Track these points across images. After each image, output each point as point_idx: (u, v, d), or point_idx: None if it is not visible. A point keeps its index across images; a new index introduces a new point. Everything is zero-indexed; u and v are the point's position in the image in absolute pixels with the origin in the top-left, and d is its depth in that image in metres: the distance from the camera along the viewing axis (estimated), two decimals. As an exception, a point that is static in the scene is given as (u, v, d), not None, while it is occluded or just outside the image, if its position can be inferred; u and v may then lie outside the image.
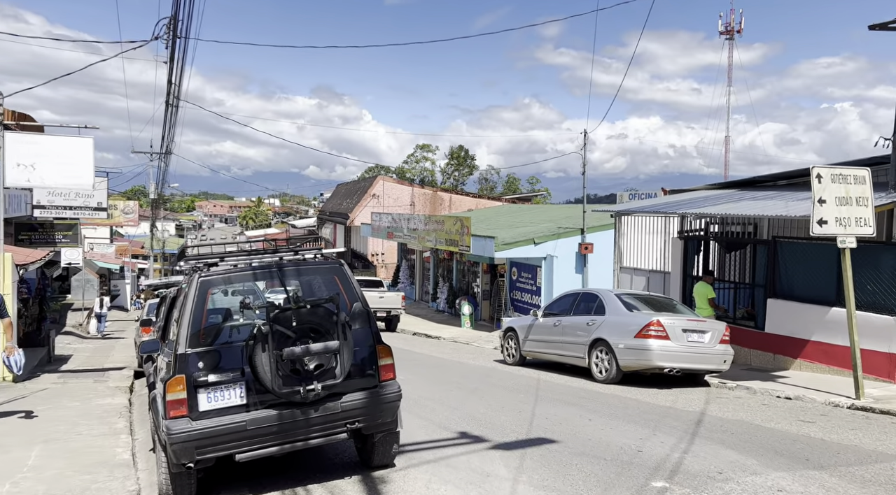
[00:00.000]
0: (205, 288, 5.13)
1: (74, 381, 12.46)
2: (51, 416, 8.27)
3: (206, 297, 5.11)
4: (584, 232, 21.98)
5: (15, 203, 22.10)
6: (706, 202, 13.04)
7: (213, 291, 5.20)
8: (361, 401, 5.25)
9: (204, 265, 5.34)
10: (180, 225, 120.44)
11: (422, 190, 39.97)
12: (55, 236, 21.81)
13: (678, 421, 7.46)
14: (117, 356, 18.16)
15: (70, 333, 22.89)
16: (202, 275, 5.18)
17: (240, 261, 5.55)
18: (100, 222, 36.55)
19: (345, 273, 5.57)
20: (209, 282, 5.18)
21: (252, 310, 5.08)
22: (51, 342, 16.08)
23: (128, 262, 42.94)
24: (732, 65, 78.36)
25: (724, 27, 77.81)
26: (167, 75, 12.54)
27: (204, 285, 5.13)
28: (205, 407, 4.88)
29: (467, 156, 75.04)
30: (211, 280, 5.20)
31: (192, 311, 5.00)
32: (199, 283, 5.11)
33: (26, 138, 11.53)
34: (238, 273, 5.35)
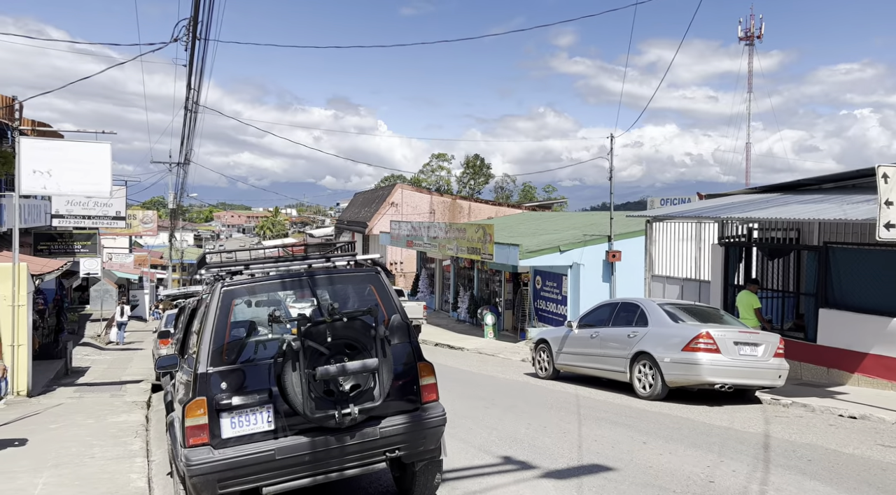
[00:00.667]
0: (228, 299, 4.59)
1: (90, 396, 12.03)
2: (63, 436, 7.79)
3: (230, 309, 4.58)
4: (612, 239, 21.29)
5: (35, 213, 21.94)
6: (751, 206, 12.33)
7: (236, 302, 4.66)
8: (402, 426, 4.67)
9: (226, 273, 4.82)
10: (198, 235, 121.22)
11: (440, 198, 39.47)
12: (74, 246, 21.57)
13: (743, 444, 6.78)
14: (135, 368, 17.78)
15: (88, 344, 22.61)
16: (225, 284, 4.65)
17: (265, 269, 5.02)
18: (119, 232, 36.47)
19: (381, 281, 5.01)
20: (233, 292, 4.65)
21: (281, 323, 4.52)
22: (68, 354, 15.72)
23: (146, 272, 42.88)
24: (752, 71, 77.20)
25: (743, 33, 76.62)
26: (186, 78, 12.14)
27: (227, 296, 4.60)
28: (228, 433, 4.33)
29: (483, 164, 74.75)
30: (234, 290, 4.66)
31: (213, 325, 4.46)
32: (222, 294, 4.58)
33: (42, 144, 11.17)
34: (264, 282, 4.81)
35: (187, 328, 5.99)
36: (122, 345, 24.41)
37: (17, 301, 11.23)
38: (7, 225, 18.41)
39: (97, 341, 23.83)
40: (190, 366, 4.95)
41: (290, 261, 5.09)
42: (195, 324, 5.53)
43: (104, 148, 11.62)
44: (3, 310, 11.21)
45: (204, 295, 5.30)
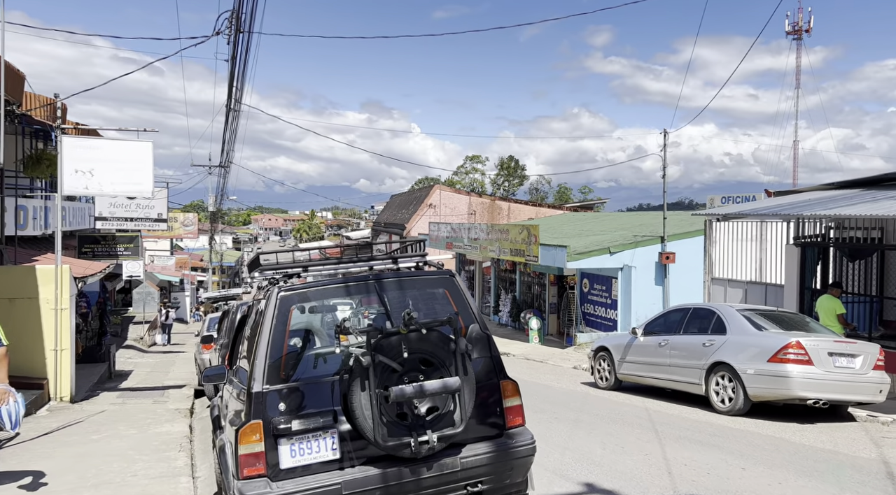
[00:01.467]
0: (286, 305, 4.00)
1: (133, 402, 11.69)
2: (105, 449, 7.35)
3: (288, 318, 3.98)
4: (665, 240, 20.28)
5: (79, 215, 22.02)
6: (833, 203, 11.33)
7: (294, 310, 4.07)
8: (486, 456, 4.00)
9: (282, 276, 4.23)
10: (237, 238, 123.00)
11: (479, 199, 38.77)
12: (117, 248, 21.54)
13: (860, 473, 5.92)
14: (177, 371, 17.55)
15: (131, 347, 22.58)
16: (283, 289, 4.05)
17: (325, 272, 4.43)
18: (160, 234, 36.81)
19: (457, 286, 4.36)
20: (291, 297, 4.05)
21: (352, 334, 3.88)
22: (111, 358, 15.52)
23: (187, 275, 43.24)
24: (800, 66, 74.49)
25: (791, 27, 73.94)
26: (229, 73, 11.71)
27: (285, 302, 4.00)
28: (288, 463, 3.73)
29: (517, 166, 73.98)
30: (293, 295, 4.07)
31: (270, 336, 3.87)
32: (279, 300, 3.99)
33: (84, 143, 10.87)
34: (326, 287, 4.19)
35: (235, 338, 5.44)
36: (167, 347, 24.52)
37: (60, 304, 10.95)
38: (52, 227, 18.45)
39: (140, 344, 23.82)
40: (241, 382, 4.38)
41: (352, 262, 4.47)
42: (245, 331, 4.97)
43: (146, 147, 11.27)
44: (46, 313, 10.94)
45: (256, 300, 4.73)
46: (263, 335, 3.88)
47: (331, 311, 4.31)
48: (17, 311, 10.81)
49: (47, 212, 18.19)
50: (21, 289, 10.82)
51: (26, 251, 15.16)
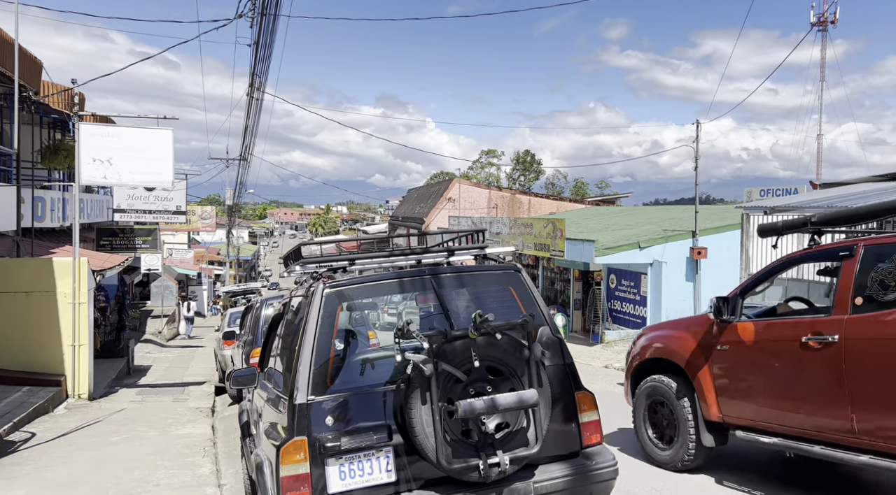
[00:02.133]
0: (333, 304, 3.48)
1: (153, 399, 11.30)
2: (125, 453, 6.91)
3: (335, 318, 3.46)
4: (696, 234, 19.57)
5: (97, 207, 21.74)
6: (890, 194, 10.63)
7: (342, 309, 3.55)
8: (563, 480, 3.46)
9: (327, 270, 3.71)
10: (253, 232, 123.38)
11: (499, 192, 38.15)
12: (135, 241, 21.25)
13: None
14: (196, 367, 17.20)
15: (150, 341, 22.32)
16: (329, 284, 3.53)
17: (375, 265, 3.92)
18: (177, 227, 36.63)
19: (523, 283, 3.81)
20: (339, 295, 3.53)
21: (414, 338, 3.30)
22: (130, 353, 15.18)
23: (204, 269, 43.12)
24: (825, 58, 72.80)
25: (816, 18, 72.26)
26: (252, 58, 11.20)
27: (332, 300, 3.48)
28: (337, 486, 3.22)
29: (533, 160, 73.38)
30: (341, 292, 3.54)
31: (315, 339, 3.35)
32: (325, 298, 3.47)
33: (102, 130, 10.44)
34: (376, 283, 3.67)
35: (268, 339, 4.93)
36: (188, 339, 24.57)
37: (78, 298, 10.56)
38: (70, 219, 18.15)
39: (158, 338, 23.57)
40: (278, 387, 3.89)
41: (402, 254, 3.93)
42: (280, 330, 4.45)
43: (166, 135, 10.82)
44: (64, 307, 10.56)
45: (293, 296, 4.21)
46: (307, 338, 3.36)
47: (360, 308, 3.79)
48: (33, 305, 10.45)
49: (65, 204, 17.89)
50: (38, 282, 10.45)
51: (43, 243, 14.85)
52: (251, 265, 79.48)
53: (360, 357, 3.51)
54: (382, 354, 3.55)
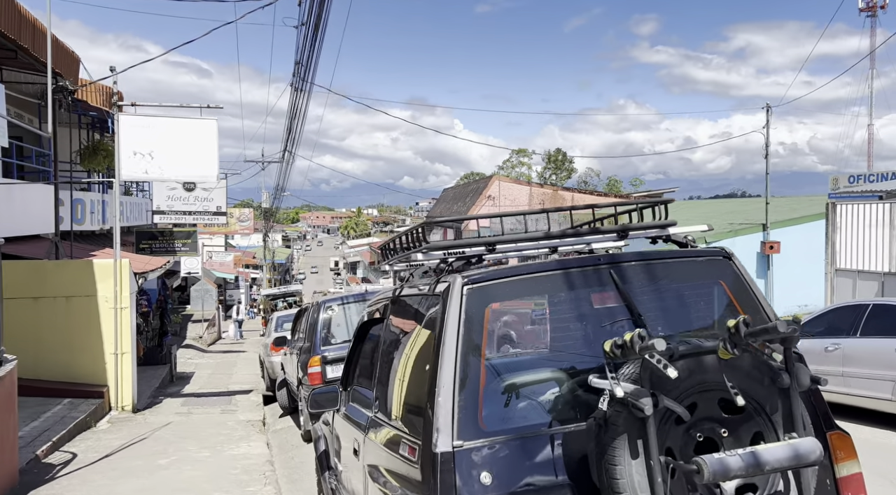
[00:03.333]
0: (479, 306, 2.43)
1: (199, 411, 10.49)
2: (175, 480, 6.03)
3: (484, 327, 2.43)
4: (767, 227, 18.18)
5: (136, 210, 21.25)
6: None
7: (491, 313, 2.52)
8: None
9: (459, 259, 2.68)
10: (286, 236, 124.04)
11: (541, 189, 36.94)
12: (175, 244, 20.70)
13: None
14: (240, 374, 16.47)
15: (191, 346, 21.75)
16: (470, 279, 2.50)
17: (523, 252, 2.90)
18: (214, 230, 36.29)
19: (739, 275, 2.70)
20: (486, 292, 2.48)
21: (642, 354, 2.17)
22: (173, 359, 14.49)
23: (241, 272, 42.85)
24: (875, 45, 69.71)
25: (864, 3, 69.48)
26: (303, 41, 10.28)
27: (476, 300, 2.43)
28: None
29: (565, 159, 72.23)
30: (490, 289, 2.49)
31: (458, 357, 2.32)
32: (467, 297, 2.43)
33: (143, 121, 9.67)
34: (538, 275, 2.58)
35: (355, 348, 3.93)
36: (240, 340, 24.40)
37: (120, 302, 9.81)
38: (109, 222, 17.64)
39: (199, 343, 23.02)
40: (380, 413, 2.91)
41: (563, 237, 2.87)
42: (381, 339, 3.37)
43: (210, 125, 10.01)
44: (105, 312, 9.82)
45: (411, 297, 3.06)
46: (446, 355, 2.33)
47: (546, 314, 2.73)
48: (74, 311, 9.74)
49: (105, 206, 17.37)
50: (78, 286, 9.73)
51: (83, 246, 14.26)
52: (285, 268, 79.60)
53: (524, 381, 2.46)
54: (539, 377, 2.50)
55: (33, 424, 7.78)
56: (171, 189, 17.85)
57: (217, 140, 10.02)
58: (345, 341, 8.00)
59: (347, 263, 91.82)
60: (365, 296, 8.33)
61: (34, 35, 9.62)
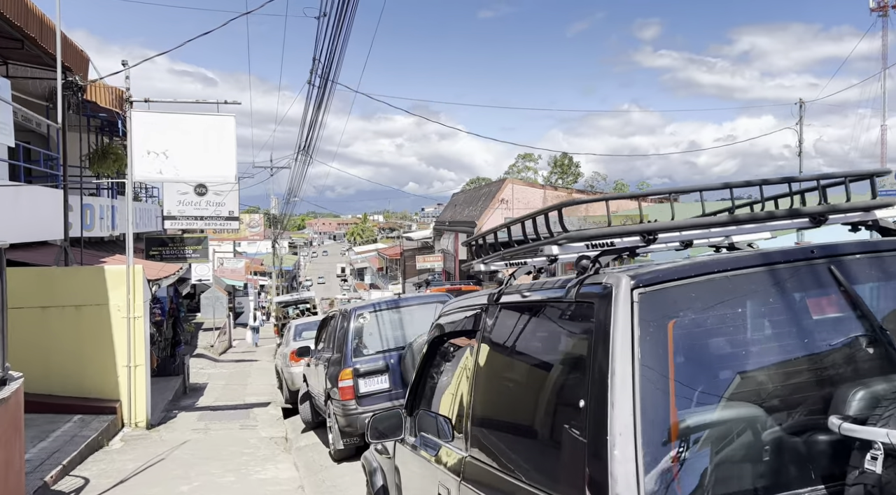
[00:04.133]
0: (658, 316, 1.75)
1: (217, 426, 9.87)
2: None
3: (668, 346, 1.77)
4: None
5: (146, 216, 20.72)
6: None
7: (674, 326, 1.78)
8: None
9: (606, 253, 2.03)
10: (293, 242, 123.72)
11: (555, 192, 36.32)
12: (185, 250, 20.13)
13: None
14: (255, 384, 15.85)
15: (202, 356, 21.16)
16: (641, 279, 1.79)
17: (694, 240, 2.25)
18: (223, 237, 35.78)
19: None
20: (667, 299, 1.79)
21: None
22: (186, 370, 13.88)
23: (250, 279, 42.32)
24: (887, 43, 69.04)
25: (875, 3, 68.85)
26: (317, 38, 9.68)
27: (653, 308, 1.75)
28: None
29: (571, 163, 72.00)
30: (671, 294, 1.79)
31: (638, 394, 1.62)
32: (639, 304, 1.73)
33: (156, 119, 9.09)
34: (736, 274, 1.84)
35: (425, 366, 3.28)
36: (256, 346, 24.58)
37: (133, 312, 9.21)
38: (120, 228, 17.09)
39: (210, 352, 22.42)
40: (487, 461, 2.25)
41: (738, 221, 2.18)
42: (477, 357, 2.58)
43: (228, 121, 9.42)
44: (117, 322, 9.22)
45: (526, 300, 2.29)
46: (618, 391, 1.63)
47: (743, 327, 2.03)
48: (84, 321, 9.14)
49: (114, 212, 16.83)
50: (89, 293, 9.13)
51: (92, 253, 13.69)
52: (292, 275, 79.16)
53: (732, 425, 1.75)
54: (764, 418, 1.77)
55: (41, 445, 7.16)
56: (183, 193, 17.27)
57: (235, 138, 9.43)
58: (378, 352, 7.36)
59: (354, 270, 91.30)
60: (398, 303, 7.69)
61: (41, 28, 9.07)
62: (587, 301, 1.86)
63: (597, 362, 1.71)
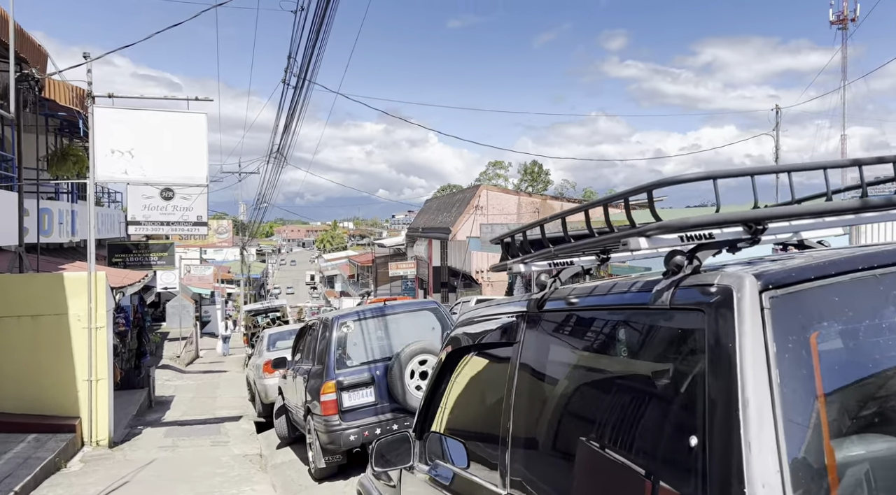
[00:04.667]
0: (799, 328, 1.35)
1: (186, 443, 9.27)
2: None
3: (815, 369, 1.31)
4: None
5: (108, 222, 19.82)
6: None
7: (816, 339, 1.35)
8: None
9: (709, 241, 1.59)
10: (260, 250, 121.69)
11: (529, 198, 36.23)
12: (150, 258, 19.32)
13: None
14: (224, 397, 15.17)
15: (168, 367, 20.31)
16: (771, 280, 1.39)
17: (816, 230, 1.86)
18: (190, 243, 34.76)
19: None
20: (806, 304, 1.39)
21: None
22: (151, 383, 13.18)
23: (218, 287, 41.19)
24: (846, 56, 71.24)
25: (835, 16, 70.94)
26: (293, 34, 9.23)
27: (791, 317, 1.35)
28: None
29: (541, 171, 72.88)
30: (810, 298, 1.39)
31: (782, 435, 1.23)
32: (772, 311, 1.34)
33: (121, 115, 8.52)
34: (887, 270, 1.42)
35: (437, 385, 2.87)
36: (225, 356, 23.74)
37: (95, 322, 8.59)
38: (80, 234, 16.27)
39: (176, 362, 21.56)
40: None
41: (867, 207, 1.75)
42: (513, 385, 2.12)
43: (199, 119, 8.91)
44: (78, 333, 8.59)
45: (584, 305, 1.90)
46: (752, 415, 1.19)
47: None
48: (42, 332, 8.50)
49: (75, 217, 15.99)
50: (47, 302, 8.50)
51: (50, 260, 12.92)
52: (260, 283, 77.68)
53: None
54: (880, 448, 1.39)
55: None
56: (148, 198, 16.43)
57: (207, 136, 8.91)
58: (363, 363, 6.92)
59: (324, 277, 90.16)
60: (384, 311, 7.26)
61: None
62: (690, 308, 1.45)
63: (714, 389, 1.32)
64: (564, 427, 1.86)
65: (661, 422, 1.46)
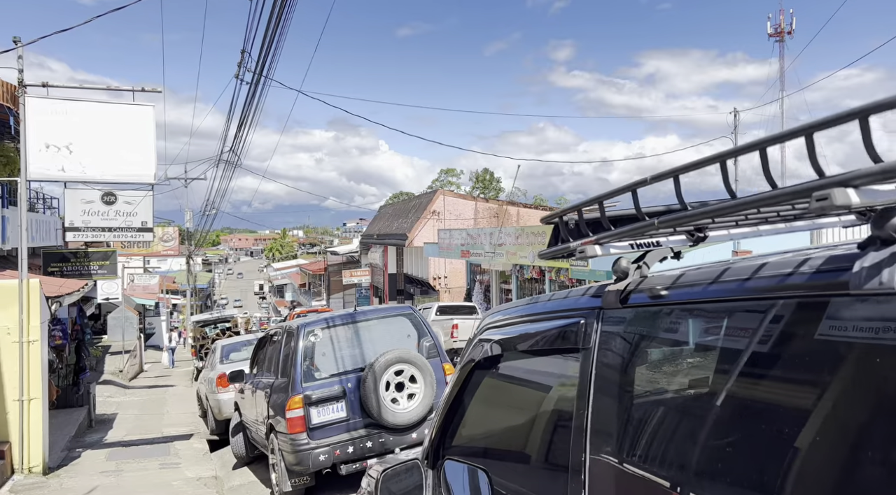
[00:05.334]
0: None
1: (132, 467, 8.46)
2: None
3: None
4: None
5: (43, 229, 18.48)
6: None
7: None
8: None
9: None
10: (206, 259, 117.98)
11: (486, 204, 36.14)
12: (90, 266, 18.14)
13: None
14: (173, 413, 14.21)
15: (110, 382, 19.04)
16: None
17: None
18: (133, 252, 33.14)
19: None
20: None
21: None
22: (92, 401, 12.17)
23: (162, 298, 39.39)
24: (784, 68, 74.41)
25: (773, 29, 74.00)
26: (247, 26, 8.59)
27: None
28: None
29: (493, 178, 73.76)
30: None
31: None
32: None
33: (58, 107, 7.72)
34: None
35: (456, 402, 2.38)
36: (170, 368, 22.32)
37: (27, 335, 7.73)
38: (10, 242, 15.06)
39: (119, 378, 20.27)
40: None
41: None
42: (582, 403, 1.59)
43: (145, 112, 8.19)
44: (7, 347, 7.72)
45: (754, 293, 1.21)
46: None
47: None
48: (-37, 348, 7.58)
49: (5, 223, 14.77)
50: (-31, 315, 7.59)
51: (-22, 268, 11.81)
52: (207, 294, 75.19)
53: None
54: None
55: None
56: (88, 202, 15.42)
57: (154, 131, 8.19)
58: (333, 375, 6.35)
59: (274, 286, 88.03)
60: (355, 318, 6.71)
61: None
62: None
63: None
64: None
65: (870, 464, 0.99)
